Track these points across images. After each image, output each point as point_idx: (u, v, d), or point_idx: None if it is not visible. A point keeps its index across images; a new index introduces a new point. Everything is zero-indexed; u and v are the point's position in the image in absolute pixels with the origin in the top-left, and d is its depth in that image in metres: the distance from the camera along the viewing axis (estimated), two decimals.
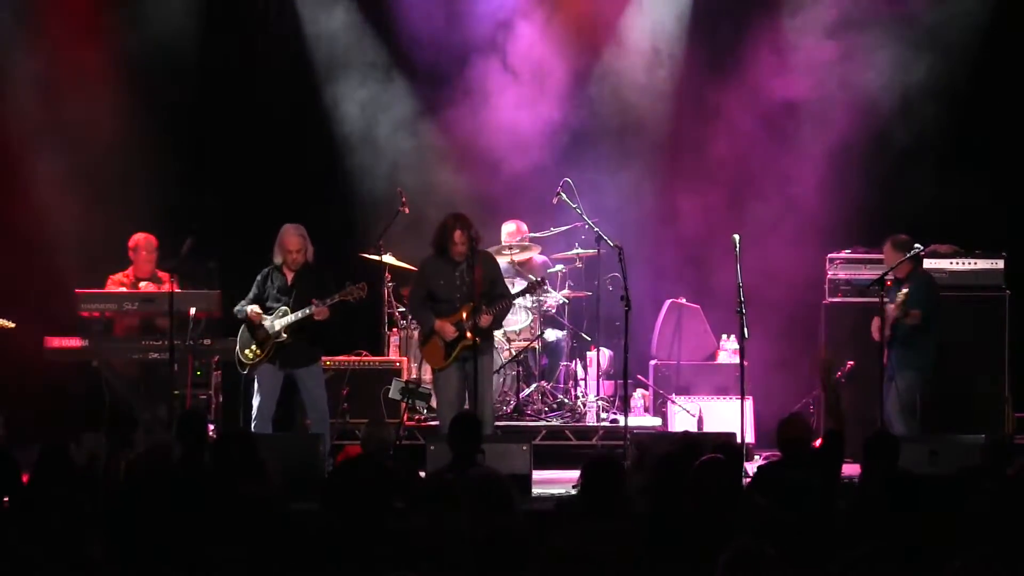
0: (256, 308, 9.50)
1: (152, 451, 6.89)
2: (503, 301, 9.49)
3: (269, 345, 9.50)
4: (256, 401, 9.64)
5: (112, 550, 5.31)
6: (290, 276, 9.60)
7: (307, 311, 9.39)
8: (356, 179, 12.30)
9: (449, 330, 9.30)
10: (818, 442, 7.66)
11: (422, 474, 7.77)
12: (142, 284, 10.50)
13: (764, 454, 10.16)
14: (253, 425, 9.64)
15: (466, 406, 9.51)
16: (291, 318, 9.44)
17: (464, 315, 9.31)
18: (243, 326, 9.67)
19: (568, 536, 5.07)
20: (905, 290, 9.71)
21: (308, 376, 9.62)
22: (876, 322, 9.74)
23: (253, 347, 9.55)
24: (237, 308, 9.69)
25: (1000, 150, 11.76)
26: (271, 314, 9.52)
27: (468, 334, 9.27)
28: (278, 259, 9.62)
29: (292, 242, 9.54)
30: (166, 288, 10.00)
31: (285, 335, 9.47)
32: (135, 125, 11.73)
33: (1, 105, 11.69)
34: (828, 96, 11.63)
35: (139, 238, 10.57)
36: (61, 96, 11.62)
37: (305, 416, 10.13)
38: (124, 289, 10.51)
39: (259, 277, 9.74)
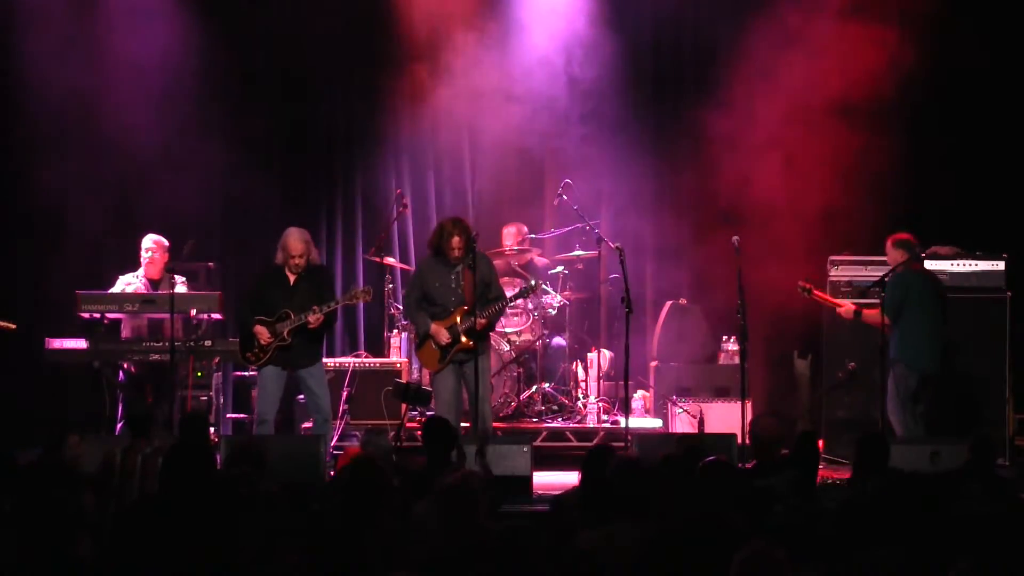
0: (265, 332, 9.47)
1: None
2: (497, 304, 9.48)
3: (271, 347, 9.48)
4: (258, 403, 9.65)
5: (119, 550, 5.31)
6: (292, 279, 9.59)
7: (303, 317, 9.37)
8: (356, 179, 12.31)
9: (443, 335, 9.30)
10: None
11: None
12: (155, 287, 10.47)
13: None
14: (255, 427, 9.65)
15: (464, 408, 9.55)
16: (291, 323, 9.42)
17: (458, 319, 9.32)
18: (245, 330, 9.64)
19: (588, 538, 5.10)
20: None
21: (310, 377, 9.61)
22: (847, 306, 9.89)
23: (255, 349, 9.53)
24: (242, 315, 9.65)
25: (1001, 150, 11.76)
26: (272, 316, 9.49)
27: (463, 338, 9.28)
28: (279, 261, 9.61)
29: (295, 247, 9.52)
30: (181, 290, 10.01)
31: (287, 337, 9.46)
32: (138, 124, 11.76)
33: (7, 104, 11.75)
34: (829, 96, 11.62)
35: (153, 240, 10.56)
36: (65, 95, 11.64)
37: (305, 418, 10.15)
38: (130, 290, 10.51)
39: (260, 279, 9.73)
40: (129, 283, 10.53)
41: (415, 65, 11.95)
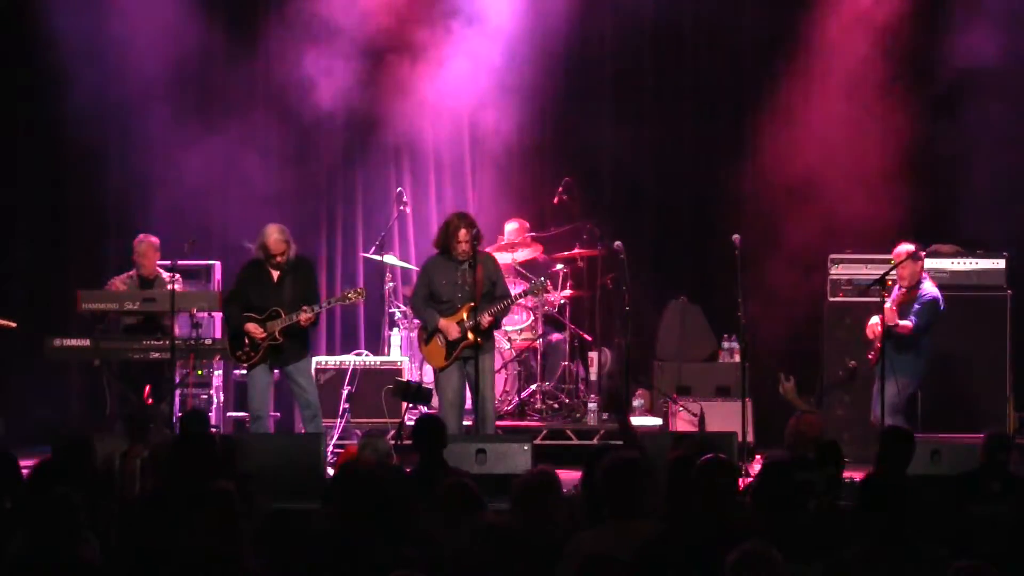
0: (259, 328, 9.44)
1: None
2: (503, 302, 9.50)
3: (263, 347, 9.46)
4: (251, 401, 9.65)
5: (121, 551, 5.32)
6: (275, 275, 9.56)
7: (295, 317, 9.37)
8: (357, 177, 12.29)
9: (453, 329, 9.31)
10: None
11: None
12: (149, 286, 10.44)
13: (765, 454, 10.15)
14: (250, 425, 9.65)
15: (467, 406, 9.56)
16: (282, 322, 9.41)
17: (464, 315, 9.33)
18: (234, 329, 9.62)
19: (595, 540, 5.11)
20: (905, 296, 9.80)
21: (297, 372, 9.59)
22: (871, 320, 9.80)
23: (245, 348, 9.51)
24: (230, 315, 9.60)
25: (1001, 148, 11.75)
26: (261, 315, 9.47)
27: (469, 335, 9.29)
28: (260, 256, 9.57)
29: (276, 246, 9.45)
30: (177, 287, 9.99)
31: (279, 337, 9.45)
32: (137, 122, 11.77)
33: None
34: (833, 95, 11.63)
35: (143, 240, 10.55)
36: (66, 94, 11.65)
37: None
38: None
39: (243, 277, 9.67)
40: (122, 284, 10.49)
41: (413, 59, 11.93)
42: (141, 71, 11.66)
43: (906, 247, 9.96)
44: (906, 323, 9.73)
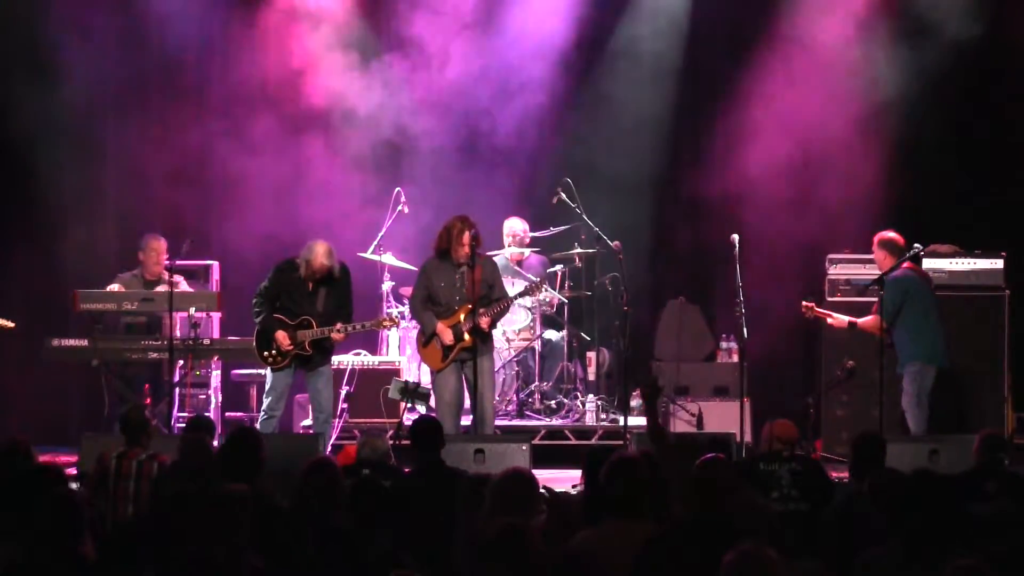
0: (286, 338, 9.46)
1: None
2: (501, 303, 9.52)
3: (291, 355, 9.48)
4: (266, 400, 9.66)
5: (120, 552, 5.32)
6: (311, 284, 9.56)
7: (327, 332, 9.39)
8: (353, 176, 12.28)
9: (447, 335, 9.33)
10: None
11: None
12: (157, 287, 10.43)
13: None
14: (259, 424, 9.66)
15: (466, 407, 9.57)
16: (315, 335, 9.43)
17: (461, 316, 9.34)
18: (264, 329, 9.61)
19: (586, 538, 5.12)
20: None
21: (318, 376, 9.62)
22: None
23: (273, 351, 9.51)
24: (261, 314, 9.58)
25: (1000, 149, 11.76)
26: (292, 319, 9.48)
27: (466, 336, 9.30)
28: (300, 265, 9.53)
29: (319, 265, 9.44)
30: (178, 288, 10.00)
31: (308, 349, 9.47)
32: (137, 123, 11.77)
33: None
34: (828, 94, 11.63)
35: (152, 239, 10.53)
36: (67, 93, 11.65)
37: (302, 416, 10.16)
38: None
39: (279, 277, 9.64)
40: (128, 282, 10.50)
41: (413, 58, 11.93)
42: (140, 70, 11.68)
43: (880, 234, 10.00)
44: (867, 319, 9.79)
